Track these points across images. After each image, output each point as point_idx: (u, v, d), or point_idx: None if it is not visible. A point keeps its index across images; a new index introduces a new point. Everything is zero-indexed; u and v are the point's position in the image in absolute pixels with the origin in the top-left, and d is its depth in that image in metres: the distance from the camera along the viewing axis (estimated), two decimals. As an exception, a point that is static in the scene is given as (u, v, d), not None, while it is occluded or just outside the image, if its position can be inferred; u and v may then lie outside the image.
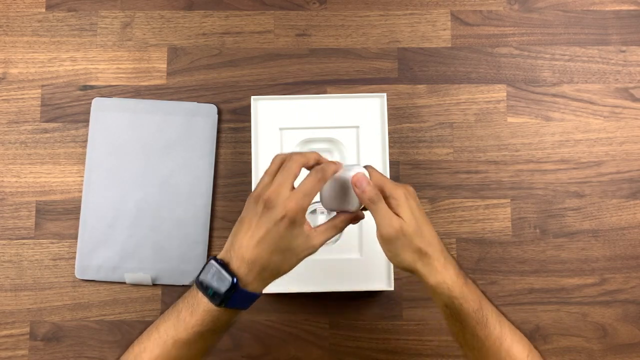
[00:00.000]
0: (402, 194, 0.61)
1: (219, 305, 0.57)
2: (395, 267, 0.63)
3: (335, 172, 0.61)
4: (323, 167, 0.60)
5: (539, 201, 0.87)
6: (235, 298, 0.57)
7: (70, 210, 0.86)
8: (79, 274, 0.85)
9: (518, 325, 0.64)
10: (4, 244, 0.86)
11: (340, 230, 0.63)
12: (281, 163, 0.61)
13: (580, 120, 0.88)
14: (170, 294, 0.85)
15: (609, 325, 0.85)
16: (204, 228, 0.85)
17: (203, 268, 0.58)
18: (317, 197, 0.64)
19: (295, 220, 0.57)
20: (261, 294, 0.60)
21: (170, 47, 0.90)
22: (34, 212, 0.86)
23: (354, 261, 0.80)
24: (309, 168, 0.61)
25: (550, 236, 0.86)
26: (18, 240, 0.86)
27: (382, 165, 0.81)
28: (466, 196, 0.87)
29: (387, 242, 0.61)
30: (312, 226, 0.62)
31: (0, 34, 0.90)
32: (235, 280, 0.56)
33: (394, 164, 0.87)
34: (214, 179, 0.86)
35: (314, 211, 0.80)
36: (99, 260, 0.84)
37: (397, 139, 0.88)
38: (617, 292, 0.85)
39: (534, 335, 0.84)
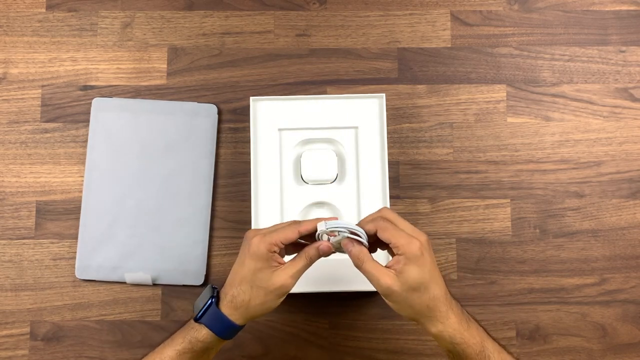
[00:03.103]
0: (416, 250, 0.62)
1: None
2: None
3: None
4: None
5: (538, 201, 0.87)
6: None
7: (70, 210, 0.86)
8: (79, 274, 0.85)
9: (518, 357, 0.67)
10: (4, 244, 0.86)
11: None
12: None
13: (580, 120, 0.89)
14: (170, 294, 0.85)
15: (608, 325, 0.85)
16: (204, 228, 0.85)
17: None
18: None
19: None
20: None
21: (171, 47, 0.90)
22: (34, 212, 0.86)
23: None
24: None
25: (550, 236, 0.86)
26: (18, 240, 0.86)
27: (381, 166, 0.81)
28: (466, 196, 0.87)
29: (384, 297, 0.64)
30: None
31: (0, 34, 0.90)
32: None
33: (393, 164, 0.87)
34: (214, 179, 0.86)
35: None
36: (99, 260, 0.85)
37: (397, 139, 0.88)
38: (616, 292, 0.85)
39: (534, 335, 0.84)
